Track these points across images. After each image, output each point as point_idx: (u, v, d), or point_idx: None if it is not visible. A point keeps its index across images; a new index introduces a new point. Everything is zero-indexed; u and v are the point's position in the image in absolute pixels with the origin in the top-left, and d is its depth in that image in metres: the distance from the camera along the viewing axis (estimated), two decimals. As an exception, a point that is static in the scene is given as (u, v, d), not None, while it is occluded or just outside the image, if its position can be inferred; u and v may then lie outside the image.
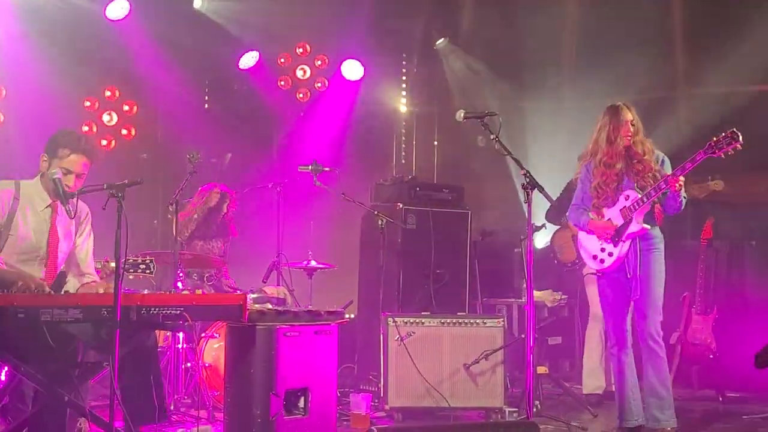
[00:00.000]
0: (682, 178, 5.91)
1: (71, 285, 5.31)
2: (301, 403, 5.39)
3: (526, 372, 5.50)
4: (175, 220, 6.92)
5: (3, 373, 5.57)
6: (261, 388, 5.21)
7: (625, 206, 6.16)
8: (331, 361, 5.58)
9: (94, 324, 4.69)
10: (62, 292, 5.12)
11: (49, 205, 5.23)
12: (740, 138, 5.69)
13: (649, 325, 6.19)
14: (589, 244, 6.40)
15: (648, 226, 6.14)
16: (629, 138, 6.18)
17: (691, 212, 8.68)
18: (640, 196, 6.07)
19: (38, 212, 5.18)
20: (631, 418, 6.23)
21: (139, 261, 5.92)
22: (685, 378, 8.27)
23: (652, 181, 6.07)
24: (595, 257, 6.36)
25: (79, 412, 4.65)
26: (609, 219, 6.22)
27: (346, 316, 8.29)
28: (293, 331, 5.35)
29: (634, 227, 6.13)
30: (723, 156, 5.81)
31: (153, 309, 4.64)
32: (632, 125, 6.19)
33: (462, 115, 5.89)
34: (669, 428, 6.15)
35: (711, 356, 8.15)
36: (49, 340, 4.45)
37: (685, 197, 6.10)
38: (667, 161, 6.26)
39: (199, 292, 6.85)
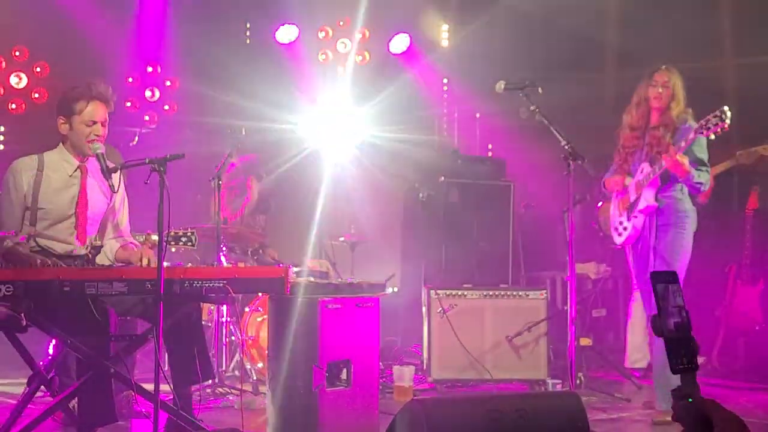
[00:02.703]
0: (680, 157, 5.71)
1: (108, 247, 5.34)
2: (344, 375, 5.40)
3: (569, 344, 5.49)
4: (217, 195, 6.95)
5: (51, 347, 5.65)
6: (303, 360, 5.23)
7: (638, 179, 6.06)
8: (373, 334, 5.58)
9: (138, 297, 4.77)
10: (97, 262, 5.19)
11: (78, 168, 5.24)
12: (727, 118, 5.47)
13: None
14: (613, 216, 6.35)
15: (657, 203, 5.97)
16: (658, 101, 6.02)
17: (737, 181, 8.58)
18: (650, 169, 5.96)
19: (66, 178, 5.18)
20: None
21: (181, 234, 5.96)
22: (731, 350, 8.18)
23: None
24: (616, 229, 6.32)
25: (126, 384, 4.70)
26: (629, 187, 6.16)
27: (389, 289, 8.33)
28: (335, 303, 5.36)
29: (642, 203, 6.02)
30: (713, 136, 5.63)
31: (196, 282, 4.68)
32: (664, 88, 5.98)
33: (502, 85, 5.87)
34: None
35: (757, 328, 8.07)
36: (95, 313, 4.52)
37: (701, 184, 5.90)
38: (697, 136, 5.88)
39: (242, 265, 6.88)
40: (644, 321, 7.79)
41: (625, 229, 6.20)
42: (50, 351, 5.62)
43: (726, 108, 5.50)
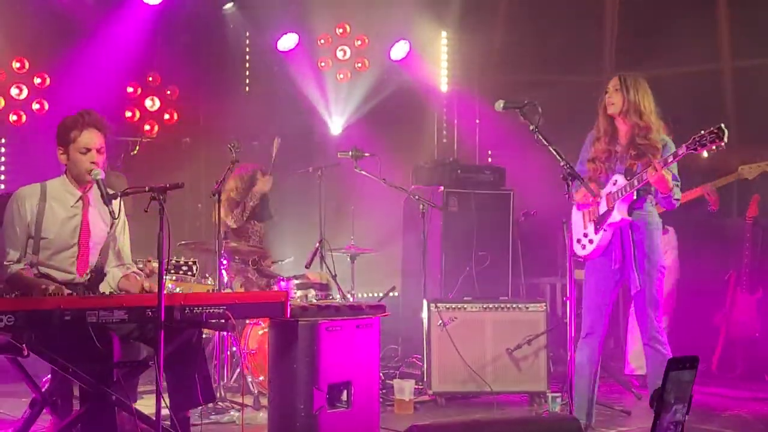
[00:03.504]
0: (665, 172, 5.59)
1: (111, 276, 5.38)
2: (344, 397, 5.46)
3: (568, 364, 5.52)
4: (217, 210, 6.98)
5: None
6: (304, 382, 5.28)
7: (610, 192, 5.87)
8: (374, 354, 5.63)
9: (139, 324, 4.80)
10: (100, 290, 5.22)
11: (80, 199, 5.26)
12: (725, 136, 5.34)
13: (650, 324, 5.94)
14: (575, 226, 6.17)
15: (632, 218, 5.83)
16: (610, 107, 5.90)
17: (737, 189, 8.59)
18: (626, 182, 5.78)
19: (69, 208, 5.20)
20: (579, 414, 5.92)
21: (182, 263, 5.99)
22: (729, 358, 8.23)
23: (642, 168, 5.76)
24: (579, 241, 6.12)
25: (126, 411, 4.72)
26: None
27: (391, 294, 8.35)
28: (335, 326, 5.40)
29: (615, 217, 5.83)
30: (706, 154, 5.54)
31: (196, 308, 4.70)
32: (614, 92, 5.86)
33: (501, 105, 5.82)
34: None
35: (757, 335, 8.11)
36: (96, 342, 4.55)
37: (677, 200, 5.83)
38: (671, 146, 5.83)
39: (240, 288, 6.88)
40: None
41: (590, 241, 6.00)
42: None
43: (723, 126, 5.37)
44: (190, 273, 6.06)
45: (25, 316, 4.33)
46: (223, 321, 4.80)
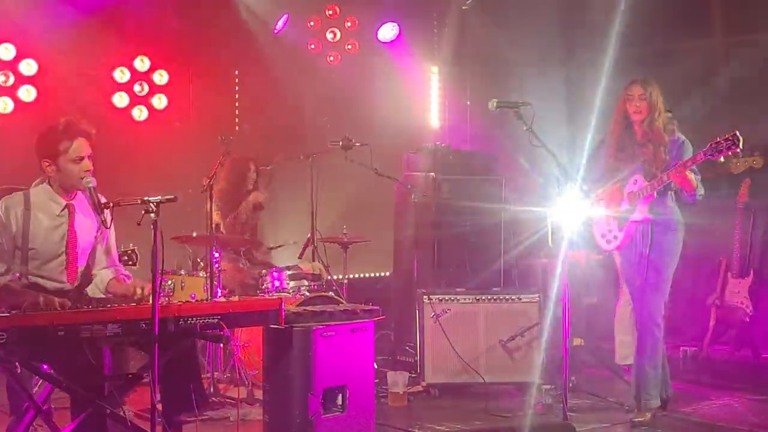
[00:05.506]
0: (689, 173, 5.90)
1: (100, 278, 5.35)
2: (339, 401, 5.48)
3: (563, 372, 5.55)
4: (209, 205, 6.94)
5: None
6: (299, 388, 5.30)
7: (632, 191, 6.20)
8: (368, 357, 5.66)
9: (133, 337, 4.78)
10: (87, 293, 5.21)
11: (66, 207, 5.23)
12: (740, 143, 5.64)
13: (649, 306, 6.26)
14: (599, 224, 6.46)
15: (652, 216, 6.15)
16: (637, 114, 6.16)
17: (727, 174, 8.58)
18: (646, 183, 6.11)
19: (54, 217, 5.17)
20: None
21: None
22: (721, 341, 8.28)
23: (661, 169, 6.07)
24: (603, 236, 6.45)
25: (121, 424, 4.71)
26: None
27: (381, 273, 8.33)
28: (329, 331, 5.42)
29: (636, 215, 6.19)
30: (722, 159, 5.84)
31: (190, 319, 4.69)
32: (641, 100, 6.13)
33: (495, 104, 5.83)
34: (652, 407, 6.30)
35: (747, 319, 8.14)
36: (89, 357, 4.53)
37: (701, 195, 6.09)
38: (688, 145, 6.17)
39: (235, 298, 6.78)
40: (632, 320, 7.85)
41: (615, 237, 6.38)
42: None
43: (737, 132, 5.66)
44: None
45: (18, 333, 4.29)
46: (217, 332, 4.78)
